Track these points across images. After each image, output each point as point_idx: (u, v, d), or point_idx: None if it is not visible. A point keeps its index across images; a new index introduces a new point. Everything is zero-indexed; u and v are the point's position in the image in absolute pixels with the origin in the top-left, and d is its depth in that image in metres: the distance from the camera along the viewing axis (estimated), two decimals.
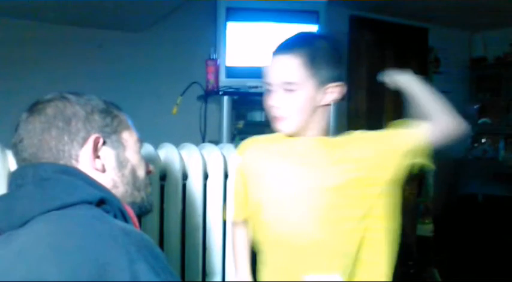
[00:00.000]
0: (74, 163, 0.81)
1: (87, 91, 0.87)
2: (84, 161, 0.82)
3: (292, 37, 1.20)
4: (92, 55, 2.90)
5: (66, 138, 0.81)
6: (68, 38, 2.83)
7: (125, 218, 0.79)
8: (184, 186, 1.54)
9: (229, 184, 1.56)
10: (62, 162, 0.80)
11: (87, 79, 2.76)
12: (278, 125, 1.18)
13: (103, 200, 0.76)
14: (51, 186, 0.75)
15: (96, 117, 0.84)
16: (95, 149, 0.83)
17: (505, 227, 3.89)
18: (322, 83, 1.14)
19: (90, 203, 0.74)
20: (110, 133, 0.86)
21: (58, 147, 0.80)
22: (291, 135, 1.20)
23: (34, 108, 0.83)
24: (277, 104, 1.16)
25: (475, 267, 3.62)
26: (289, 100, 1.15)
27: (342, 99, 1.19)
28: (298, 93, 1.14)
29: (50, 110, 0.82)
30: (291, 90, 1.14)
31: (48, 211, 0.71)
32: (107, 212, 0.75)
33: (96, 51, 2.92)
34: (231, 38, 2.48)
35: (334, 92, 1.17)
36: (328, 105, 1.18)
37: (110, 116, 0.87)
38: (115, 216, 0.76)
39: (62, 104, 0.83)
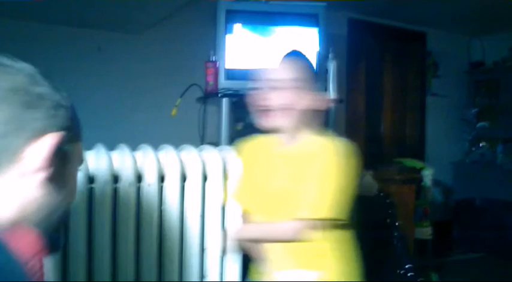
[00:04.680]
0: (15, 159, 0.58)
1: (86, 93, 0.86)
2: (28, 161, 0.58)
3: (294, 51, 1.44)
4: (92, 57, 2.90)
5: (17, 123, 0.59)
6: (67, 40, 2.83)
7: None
8: (183, 187, 1.54)
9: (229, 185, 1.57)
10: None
11: (86, 81, 2.76)
12: (276, 120, 1.33)
13: None
14: None
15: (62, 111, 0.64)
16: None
17: (502, 231, 3.90)
18: (313, 90, 1.35)
19: None
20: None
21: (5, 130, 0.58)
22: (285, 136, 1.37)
23: None
24: (284, 99, 1.31)
25: (473, 271, 3.63)
26: (292, 97, 1.32)
27: (326, 111, 1.46)
28: (301, 94, 1.32)
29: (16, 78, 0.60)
30: (296, 88, 1.32)
31: None
32: None
33: (96, 53, 2.92)
34: (230, 40, 2.48)
35: (323, 100, 1.37)
36: (317, 111, 1.37)
37: None
38: None
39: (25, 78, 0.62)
